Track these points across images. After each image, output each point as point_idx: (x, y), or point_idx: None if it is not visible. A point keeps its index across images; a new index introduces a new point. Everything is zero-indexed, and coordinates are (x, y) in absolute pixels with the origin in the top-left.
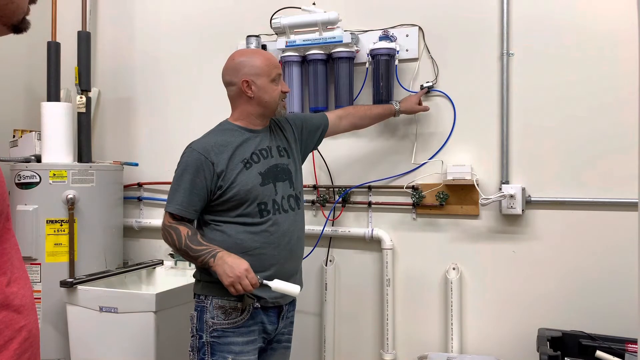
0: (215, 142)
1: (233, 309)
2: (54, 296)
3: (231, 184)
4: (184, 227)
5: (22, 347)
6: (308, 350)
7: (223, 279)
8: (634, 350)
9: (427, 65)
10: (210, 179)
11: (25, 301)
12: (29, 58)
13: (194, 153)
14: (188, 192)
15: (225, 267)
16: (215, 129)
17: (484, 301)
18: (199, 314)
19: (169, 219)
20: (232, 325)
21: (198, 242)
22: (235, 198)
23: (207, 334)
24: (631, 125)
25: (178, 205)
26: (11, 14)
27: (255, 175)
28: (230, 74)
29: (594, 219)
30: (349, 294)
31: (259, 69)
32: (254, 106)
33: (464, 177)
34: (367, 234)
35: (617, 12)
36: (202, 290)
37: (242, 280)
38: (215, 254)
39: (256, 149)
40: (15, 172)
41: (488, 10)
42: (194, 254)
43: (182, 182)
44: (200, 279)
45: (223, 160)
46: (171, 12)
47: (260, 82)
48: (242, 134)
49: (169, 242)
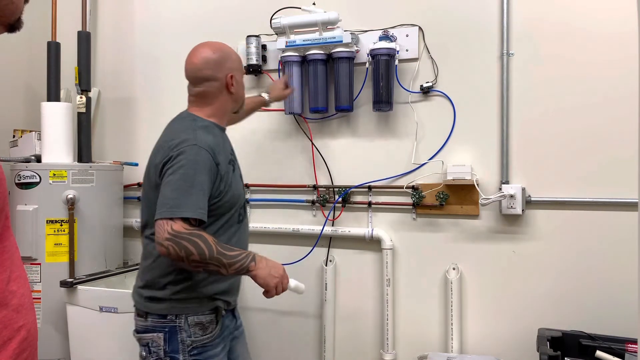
0: (213, 140)
1: (209, 323)
2: (54, 296)
3: (228, 187)
4: (206, 234)
5: (20, 346)
6: (308, 350)
7: (269, 281)
8: (634, 350)
9: (427, 65)
10: (214, 180)
11: (24, 300)
12: (29, 58)
13: (202, 151)
14: (205, 195)
15: (269, 269)
16: (196, 126)
17: (484, 301)
18: (167, 335)
19: (183, 225)
20: (211, 339)
21: (228, 247)
22: (228, 202)
23: (185, 353)
24: (631, 125)
25: (200, 209)
26: (10, 14)
27: (239, 178)
28: (212, 68)
29: (594, 219)
30: (349, 294)
31: (238, 63)
32: (232, 102)
33: (464, 177)
34: (367, 234)
35: (617, 12)
36: (172, 309)
37: (284, 280)
38: (254, 257)
39: (230, 149)
40: (15, 172)
41: (488, 11)
42: (228, 261)
43: (196, 183)
44: (167, 297)
45: (223, 162)
46: (171, 12)
47: (239, 77)
48: (220, 133)
49: (188, 254)
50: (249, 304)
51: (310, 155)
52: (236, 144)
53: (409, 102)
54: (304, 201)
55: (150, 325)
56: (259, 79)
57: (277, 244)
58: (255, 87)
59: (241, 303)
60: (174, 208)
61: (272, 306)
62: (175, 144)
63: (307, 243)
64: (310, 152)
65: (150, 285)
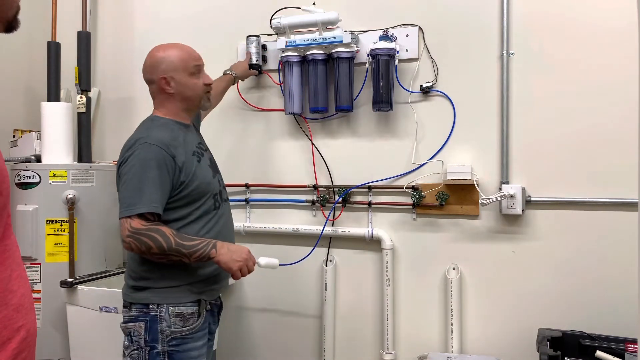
0: (168, 135)
1: (191, 315)
2: (54, 296)
3: (192, 177)
4: (164, 227)
5: (19, 347)
6: (308, 350)
7: (231, 265)
8: (634, 350)
9: (427, 65)
10: (172, 173)
11: (24, 300)
12: (29, 58)
13: (152, 147)
14: (158, 189)
15: (231, 253)
16: (153, 125)
17: (484, 301)
18: (148, 324)
19: (140, 222)
20: (191, 331)
21: (188, 237)
22: (195, 192)
23: (164, 343)
24: (631, 124)
25: (154, 203)
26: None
27: (207, 168)
28: (148, 71)
29: (594, 219)
30: (349, 294)
31: (175, 64)
32: (178, 102)
33: (464, 177)
34: (367, 234)
35: (617, 12)
36: (153, 298)
37: (248, 262)
38: (215, 244)
39: (195, 142)
40: (15, 172)
41: (488, 10)
42: (188, 250)
43: (148, 179)
44: (148, 286)
45: (181, 154)
46: (171, 12)
47: (179, 77)
48: (180, 128)
49: (148, 248)
50: (249, 304)
51: (310, 155)
52: (236, 144)
53: (409, 102)
54: (304, 201)
55: (133, 314)
56: (259, 79)
57: (277, 244)
58: (255, 87)
59: (241, 303)
60: (130, 206)
61: (272, 306)
62: (129, 146)
63: (307, 243)
64: (310, 152)
65: (133, 276)
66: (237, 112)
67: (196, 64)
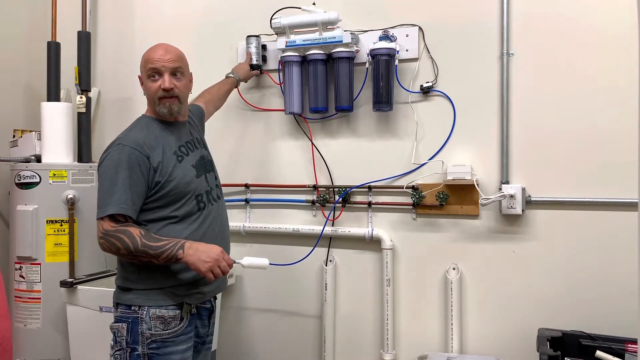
0: (145, 135)
1: (172, 318)
2: (54, 296)
3: (168, 177)
4: (134, 227)
5: None
6: (308, 350)
7: (199, 265)
8: (634, 350)
9: (427, 65)
10: (147, 173)
11: None
12: (29, 58)
13: (125, 149)
14: (128, 190)
15: (199, 254)
16: (136, 124)
17: (484, 301)
18: (130, 325)
19: (110, 224)
20: (172, 335)
21: (156, 238)
22: (173, 192)
23: (144, 346)
24: (631, 124)
25: (122, 204)
26: None
27: (190, 168)
28: None
29: (594, 219)
30: (349, 294)
31: (141, 65)
32: (149, 102)
33: (464, 177)
34: (367, 234)
35: (617, 12)
36: (135, 299)
37: (220, 263)
38: (183, 245)
39: (181, 141)
40: (15, 172)
41: (488, 10)
42: (155, 252)
43: (118, 180)
44: (131, 287)
45: (157, 154)
46: (171, 12)
47: (143, 78)
48: (163, 128)
49: (117, 249)
50: (249, 304)
51: (310, 155)
52: (236, 144)
53: (409, 102)
54: (304, 201)
55: (118, 315)
56: (259, 79)
57: (277, 244)
58: (255, 86)
59: (241, 303)
60: (102, 208)
61: (272, 306)
62: (106, 148)
63: (307, 243)
64: (310, 152)
65: (120, 275)
66: (237, 112)
67: (151, 66)
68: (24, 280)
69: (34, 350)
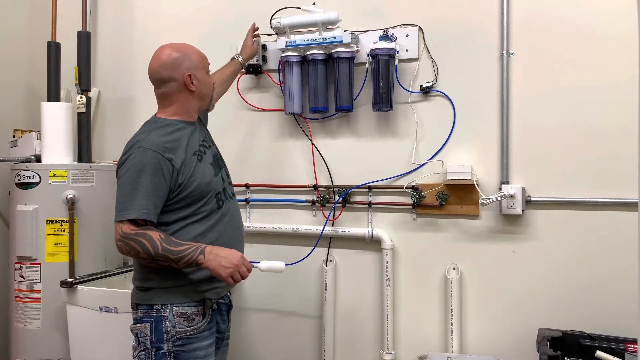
0: (166, 139)
1: (195, 315)
2: (54, 296)
3: (190, 177)
4: (154, 231)
5: None
6: (308, 350)
7: (220, 271)
8: (634, 350)
9: (427, 65)
10: (169, 177)
11: None
12: (29, 58)
13: (148, 152)
14: (150, 194)
15: (220, 259)
16: (154, 127)
17: (484, 301)
18: (153, 324)
19: (129, 227)
20: (196, 331)
21: (176, 242)
22: (195, 192)
23: (170, 344)
24: (631, 124)
25: (144, 209)
26: None
27: (209, 167)
28: (168, 70)
29: (594, 219)
30: (349, 294)
31: (196, 62)
32: (195, 100)
33: (464, 177)
34: (367, 234)
35: (617, 12)
36: (157, 298)
37: (240, 268)
38: (203, 250)
39: (199, 140)
40: (15, 172)
41: (488, 10)
42: (176, 256)
43: (141, 184)
44: (152, 286)
45: (179, 156)
46: (171, 12)
47: (200, 75)
48: (185, 128)
49: (136, 253)
50: (249, 304)
51: (310, 155)
52: (236, 144)
53: (409, 102)
54: (304, 201)
55: (140, 315)
56: (259, 79)
57: (277, 244)
58: (255, 86)
59: (241, 303)
60: (122, 211)
61: (272, 306)
62: (126, 150)
63: (307, 243)
64: (310, 152)
65: (138, 277)
66: (237, 112)
67: (208, 62)
68: (24, 280)
69: (34, 351)
